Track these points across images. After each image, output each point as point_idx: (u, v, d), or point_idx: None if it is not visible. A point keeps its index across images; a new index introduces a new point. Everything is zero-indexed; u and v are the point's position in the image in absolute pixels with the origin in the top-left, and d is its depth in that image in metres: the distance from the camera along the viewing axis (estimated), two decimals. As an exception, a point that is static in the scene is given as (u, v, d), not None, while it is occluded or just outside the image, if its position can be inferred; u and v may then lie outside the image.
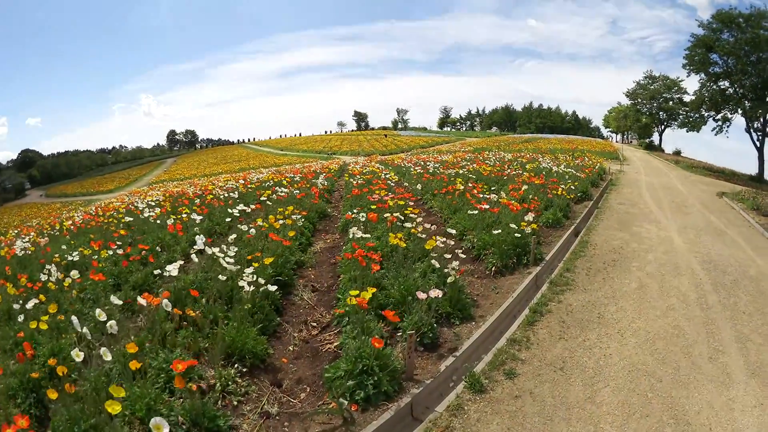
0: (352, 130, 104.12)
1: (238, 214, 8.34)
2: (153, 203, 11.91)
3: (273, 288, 4.86)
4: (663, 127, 54.06)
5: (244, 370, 3.88)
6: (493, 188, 10.81)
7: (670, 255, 7.82)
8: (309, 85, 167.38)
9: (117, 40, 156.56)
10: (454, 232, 7.24)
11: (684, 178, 22.29)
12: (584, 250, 7.93)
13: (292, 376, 4.07)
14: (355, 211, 8.66)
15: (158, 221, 8.58)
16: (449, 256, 5.61)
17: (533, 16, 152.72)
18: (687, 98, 44.89)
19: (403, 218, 7.45)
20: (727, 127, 31.14)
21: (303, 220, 8.28)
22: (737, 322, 5.36)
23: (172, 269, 4.80)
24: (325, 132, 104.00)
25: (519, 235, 6.84)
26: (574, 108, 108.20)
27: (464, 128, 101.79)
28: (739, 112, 29.82)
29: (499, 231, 6.90)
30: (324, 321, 5.14)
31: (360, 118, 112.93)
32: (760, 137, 30.03)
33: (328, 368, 3.83)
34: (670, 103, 49.63)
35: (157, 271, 5.65)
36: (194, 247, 5.69)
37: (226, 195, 11.64)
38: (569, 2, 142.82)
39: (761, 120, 29.29)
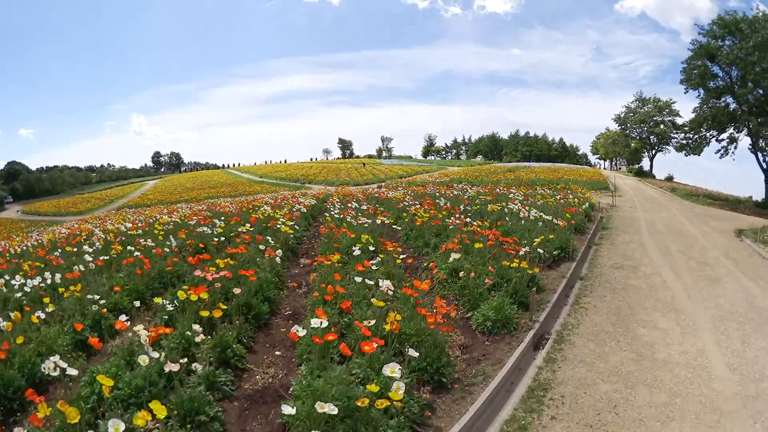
0: (337, 158, 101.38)
1: (29, 289, 5.89)
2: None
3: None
4: (654, 151, 50.95)
5: None
6: (411, 252, 6.80)
7: (714, 425, 3.68)
8: (297, 111, 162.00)
9: (112, 57, 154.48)
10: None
11: (688, 211, 18.41)
12: (535, 423, 3.77)
13: None
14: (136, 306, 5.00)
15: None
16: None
17: (518, 45, 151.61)
18: (680, 121, 41.78)
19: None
20: (734, 148, 27.19)
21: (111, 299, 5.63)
22: None
23: None
24: (311, 159, 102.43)
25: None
26: (561, 135, 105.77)
27: (450, 157, 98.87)
28: (745, 130, 26.02)
29: (335, 410, 2.81)
30: None
31: (345, 145, 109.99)
32: (767, 158, 26.29)
33: None
34: (662, 126, 46.61)
35: None
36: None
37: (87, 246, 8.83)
38: (554, 31, 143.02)
39: (768, 138, 25.62)
